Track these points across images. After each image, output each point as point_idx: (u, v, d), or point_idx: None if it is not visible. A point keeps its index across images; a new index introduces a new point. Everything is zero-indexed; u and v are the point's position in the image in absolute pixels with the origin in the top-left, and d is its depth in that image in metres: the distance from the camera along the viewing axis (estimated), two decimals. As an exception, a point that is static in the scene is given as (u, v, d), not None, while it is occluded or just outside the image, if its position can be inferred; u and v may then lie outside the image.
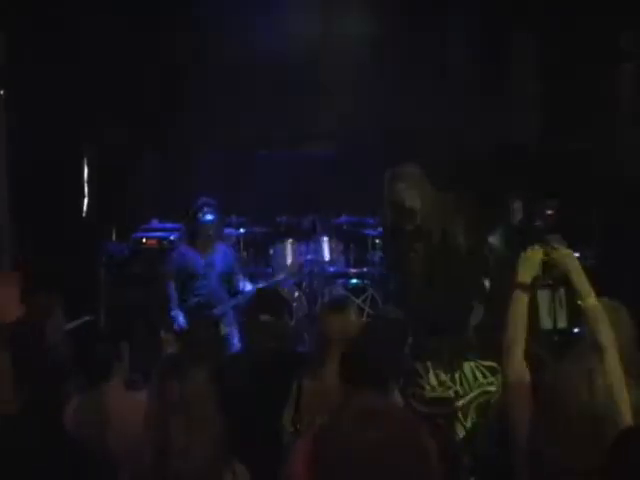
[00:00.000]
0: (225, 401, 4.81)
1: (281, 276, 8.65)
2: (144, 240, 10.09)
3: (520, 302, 3.45)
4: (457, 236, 5.38)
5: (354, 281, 10.44)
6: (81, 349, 4.83)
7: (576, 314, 4.24)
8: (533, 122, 11.23)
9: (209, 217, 7.74)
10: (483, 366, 4.41)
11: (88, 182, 11.15)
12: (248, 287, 7.88)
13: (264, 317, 5.11)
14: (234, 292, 7.97)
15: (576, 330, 7.50)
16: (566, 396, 2.83)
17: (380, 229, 10.09)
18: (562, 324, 7.81)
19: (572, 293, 3.64)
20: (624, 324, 3.83)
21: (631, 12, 9.71)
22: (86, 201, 11.11)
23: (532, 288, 3.55)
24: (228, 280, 7.98)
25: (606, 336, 3.27)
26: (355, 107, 11.11)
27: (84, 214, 11.08)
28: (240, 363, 5.33)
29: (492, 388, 4.31)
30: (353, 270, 10.58)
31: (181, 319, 7.62)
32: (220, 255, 7.85)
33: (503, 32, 11.30)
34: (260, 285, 8.03)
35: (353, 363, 3.62)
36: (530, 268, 3.54)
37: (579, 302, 3.40)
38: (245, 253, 10.42)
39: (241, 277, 7.94)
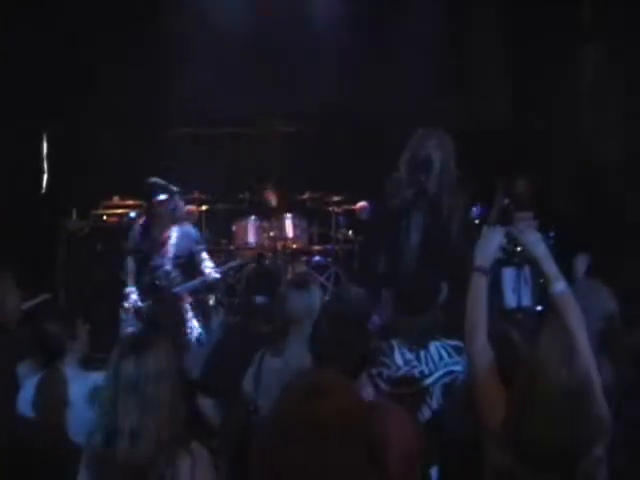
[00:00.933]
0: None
1: (235, 263, 8.44)
2: (104, 217, 9.96)
3: (479, 285, 3.39)
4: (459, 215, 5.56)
5: (317, 258, 10.38)
6: (38, 328, 4.70)
7: (540, 292, 4.19)
8: (498, 104, 11.19)
9: (160, 197, 7.55)
10: (449, 345, 4.34)
11: (47, 159, 10.98)
12: (213, 274, 7.67)
13: (259, 299, 5.05)
14: (196, 274, 7.79)
15: (539, 308, 7.53)
16: (546, 377, 2.77)
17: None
18: (526, 302, 7.81)
19: (537, 271, 3.58)
20: (604, 301, 3.79)
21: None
22: (45, 177, 10.94)
23: (490, 270, 3.47)
24: (187, 261, 7.80)
25: (575, 321, 3.21)
26: (321, 85, 11.00)
27: (43, 190, 10.90)
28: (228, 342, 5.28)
29: (458, 367, 4.25)
30: (317, 247, 10.52)
31: (134, 297, 7.48)
32: (176, 236, 7.65)
33: (466, 15, 11.26)
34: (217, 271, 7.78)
35: (319, 344, 3.53)
36: (488, 250, 3.48)
37: (548, 289, 3.33)
38: (207, 230, 10.30)
39: (205, 259, 7.72)
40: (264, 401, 4.16)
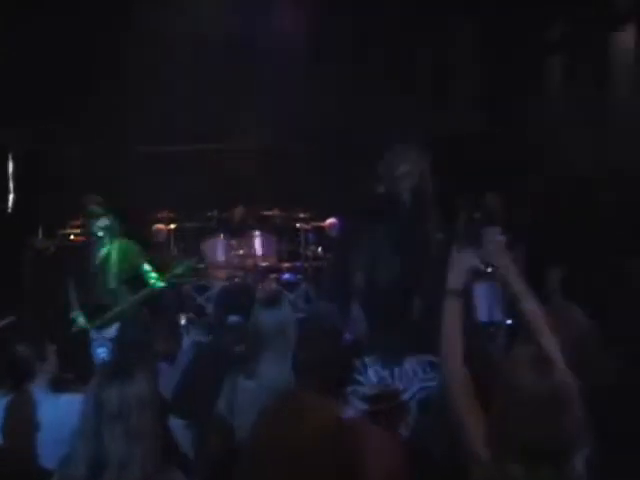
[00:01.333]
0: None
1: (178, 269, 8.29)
2: (71, 236, 9.85)
3: (452, 309, 3.30)
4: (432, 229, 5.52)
5: (287, 276, 10.35)
6: (5, 350, 4.61)
7: (510, 306, 4.16)
8: (471, 114, 11.22)
9: (99, 223, 7.52)
10: (423, 361, 4.32)
11: (13, 177, 10.87)
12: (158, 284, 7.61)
13: (233, 318, 4.97)
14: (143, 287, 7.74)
15: (509, 322, 7.56)
16: (518, 385, 2.76)
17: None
18: (498, 317, 7.85)
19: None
20: (575, 322, 3.75)
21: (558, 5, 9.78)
22: (11, 197, 10.83)
23: (464, 292, 3.36)
24: (132, 276, 7.74)
25: (545, 338, 3.17)
26: (289, 102, 10.98)
27: (9, 210, 10.79)
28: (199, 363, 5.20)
29: (432, 383, 4.22)
30: (286, 264, 10.48)
31: (81, 320, 7.41)
32: (115, 252, 7.59)
33: (440, 25, 11.30)
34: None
35: (298, 364, 3.48)
36: (459, 273, 3.38)
37: (517, 306, 3.30)
38: (176, 249, 10.25)
39: (147, 270, 7.66)
40: (239, 423, 4.11)
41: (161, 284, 7.49)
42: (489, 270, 3.44)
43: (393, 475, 2.86)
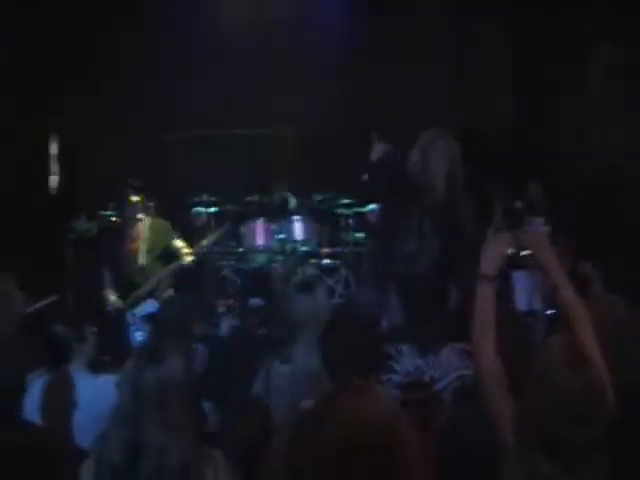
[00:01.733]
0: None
1: (205, 241, 8.28)
2: (112, 219, 9.92)
3: (485, 294, 3.25)
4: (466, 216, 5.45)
5: (326, 261, 10.34)
6: (46, 330, 4.67)
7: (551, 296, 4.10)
8: (505, 110, 11.15)
9: (135, 198, 7.65)
10: (459, 349, 4.30)
11: (56, 159, 10.97)
12: (187, 257, 7.69)
13: (253, 301, 4.98)
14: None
15: (549, 312, 7.48)
16: (552, 377, 2.74)
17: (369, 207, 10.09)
18: (537, 306, 7.76)
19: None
20: (614, 314, 3.68)
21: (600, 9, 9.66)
22: (53, 178, 10.93)
23: (497, 278, 3.29)
24: (164, 253, 7.84)
25: (583, 327, 3.12)
26: (324, 88, 10.98)
27: (52, 191, 10.89)
28: (227, 348, 5.24)
29: (468, 371, 4.20)
30: (325, 250, 10.48)
31: (113, 298, 7.52)
32: (148, 230, 7.73)
33: (470, 22, 11.23)
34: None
35: (331, 350, 3.47)
36: (494, 259, 3.32)
37: (557, 296, 3.24)
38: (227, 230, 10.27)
39: (179, 247, 7.75)
40: (275, 407, 4.13)
41: (190, 259, 7.56)
42: (523, 254, 3.39)
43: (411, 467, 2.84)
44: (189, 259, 7.55)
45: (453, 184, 5.66)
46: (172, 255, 7.69)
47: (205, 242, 7.79)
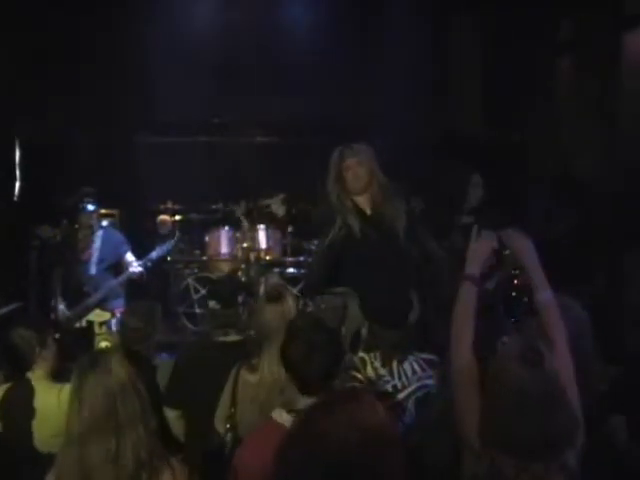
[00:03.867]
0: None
1: (154, 254, 8.24)
2: (76, 226, 9.86)
3: (467, 295, 3.26)
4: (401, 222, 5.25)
5: (291, 270, 10.35)
6: (6, 337, 4.62)
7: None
8: (474, 113, 11.21)
9: (90, 207, 7.64)
10: (422, 359, 4.32)
11: (20, 165, 10.89)
12: (135, 268, 7.66)
13: (212, 304, 4.96)
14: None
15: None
16: (505, 380, 2.75)
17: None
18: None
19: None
20: (574, 322, 3.71)
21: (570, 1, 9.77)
22: (18, 184, 10.85)
23: (482, 279, 3.34)
24: (114, 264, 7.83)
25: (557, 330, 3.15)
26: (293, 95, 10.99)
27: (15, 197, 10.82)
28: (189, 352, 5.21)
29: (430, 382, 4.22)
30: (290, 259, 10.48)
31: (61, 307, 7.50)
32: (99, 240, 7.72)
33: (444, 24, 11.28)
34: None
35: (295, 357, 3.47)
36: (479, 259, 3.34)
37: (534, 296, 3.25)
38: (181, 240, 10.25)
39: (129, 259, 7.74)
40: (241, 416, 4.12)
41: (139, 269, 7.55)
42: (506, 253, 3.39)
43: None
44: (138, 270, 7.55)
45: (378, 194, 5.48)
46: (122, 267, 7.70)
47: (154, 254, 7.78)
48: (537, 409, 2.70)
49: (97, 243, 7.63)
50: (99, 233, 7.69)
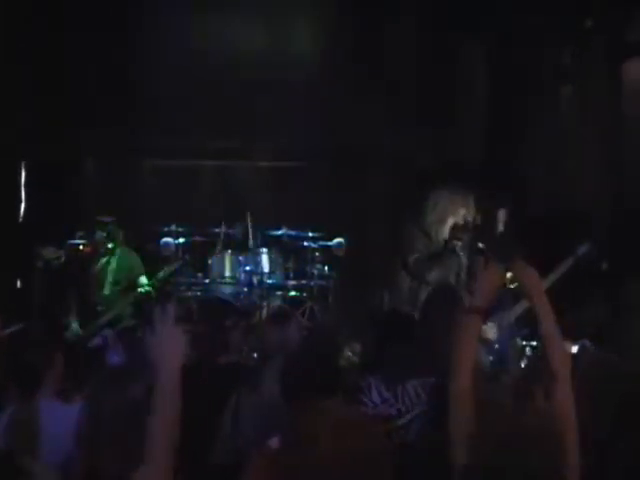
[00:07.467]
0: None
1: (161, 273, 8.30)
2: (80, 247, 9.91)
3: (473, 327, 3.25)
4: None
5: (292, 293, 10.40)
6: (13, 358, 4.65)
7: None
8: (479, 142, 11.25)
9: (102, 236, 7.76)
10: (427, 384, 4.35)
11: (25, 187, 10.96)
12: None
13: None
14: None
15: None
16: (490, 410, 2.78)
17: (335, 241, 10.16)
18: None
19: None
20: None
21: (570, 33, 9.83)
22: (23, 206, 10.91)
23: (487, 312, 3.35)
24: (129, 287, 7.91)
25: (561, 366, 3.14)
26: (297, 121, 11.05)
27: (21, 219, 10.88)
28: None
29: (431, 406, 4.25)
30: (292, 282, 10.52)
31: (74, 325, 7.58)
32: (116, 261, 7.82)
33: (452, 52, 11.34)
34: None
35: (290, 381, 3.52)
36: (486, 291, 3.32)
37: (539, 328, 3.25)
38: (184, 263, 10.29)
39: (142, 281, 7.85)
40: (242, 437, 4.15)
41: (147, 290, 7.63)
42: (512, 286, 3.39)
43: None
44: (146, 290, 7.63)
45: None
46: (135, 288, 7.78)
47: (161, 273, 7.85)
48: (515, 447, 2.67)
49: (113, 265, 7.72)
50: (116, 255, 7.77)
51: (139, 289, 7.69)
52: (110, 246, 7.82)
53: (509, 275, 3.36)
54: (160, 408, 3.02)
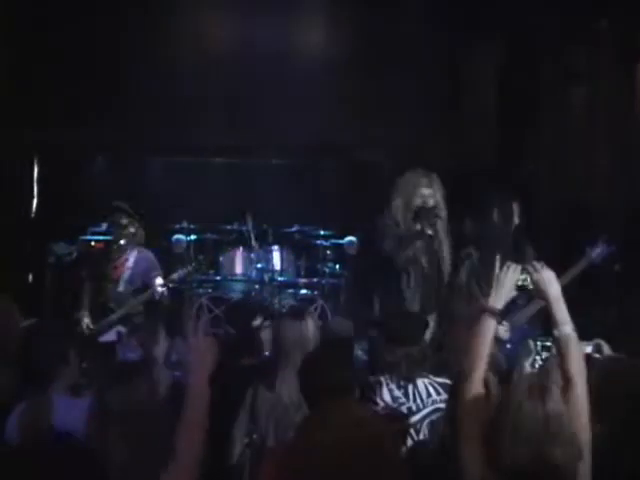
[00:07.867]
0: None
1: (176, 275, 8.31)
2: (92, 243, 9.93)
3: (487, 327, 3.27)
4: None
5: (304, 291, 10.41)
6: (27, 352, 4.67)
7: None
8: (491, 142, 11.23)
9: (123, 221, 7.71)
10: (437, 382, 4.37)
11: (38, 182, 11.00)
12: (159, 288, 7.72)
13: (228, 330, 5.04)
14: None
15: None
16: (508, 408, 2.78)
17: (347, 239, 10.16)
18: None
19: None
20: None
21: (584, 33, 9.81)
22: (35, 202, 10.95)
23: (501, 314, 3.35)
24: (144, 286, 7.89)
25: (576, 368, 3.16)
26: (314, 119, 11.06)
27: (33, 215, 10.91)
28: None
29: (444, 405, 4.25)
30: (303, 280, 10.53)
31: (86, 320, 7.58)
32: (134, 260, 7.78)
33: (463, 52, 11.34)
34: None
35: (309, 379, 3.54)
36: (504, 293, 3.36)
37: (554, 330, 3.26)
38: (195, 260, 10.31)
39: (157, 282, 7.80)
40: (259, 434, 4.16)
41: (162, 289, 7.63)
42: (530, 287, 3.40)
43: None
44: (160, 291, 7.62)
45: (443, 226, 5.85)
46: (149, 288, 7.78)
47: (175, 275, 7.85)
48: (534, 443, 2.71)
49: (130, 262, 7.70)
50: (134, 253, 7.74)
51: (153, 288, 7.67)
52: (128, 245, 7.76)
53: (524, 276, 3.36)
54: (189, 410, 3.08)
